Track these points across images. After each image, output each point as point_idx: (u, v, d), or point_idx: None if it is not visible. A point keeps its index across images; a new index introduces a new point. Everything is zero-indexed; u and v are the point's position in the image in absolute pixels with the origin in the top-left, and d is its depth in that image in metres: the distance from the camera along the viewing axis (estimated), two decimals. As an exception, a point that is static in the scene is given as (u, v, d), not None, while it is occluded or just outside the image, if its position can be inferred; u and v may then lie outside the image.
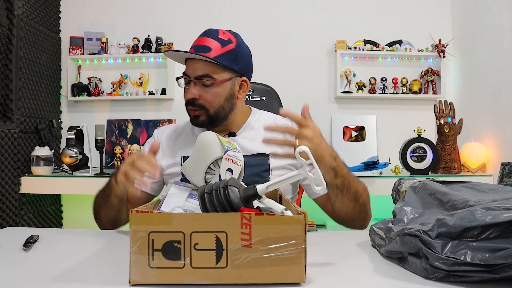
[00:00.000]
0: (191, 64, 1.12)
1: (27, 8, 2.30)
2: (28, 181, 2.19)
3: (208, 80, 1.10)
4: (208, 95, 1.11)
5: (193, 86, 1.10)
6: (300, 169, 0.74)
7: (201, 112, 1.12)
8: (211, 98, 1.11)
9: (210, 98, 1.11)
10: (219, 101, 1.12)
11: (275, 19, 2.66)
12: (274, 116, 1.27)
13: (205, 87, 1.10)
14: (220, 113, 1.13)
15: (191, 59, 1.12)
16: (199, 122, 1.14)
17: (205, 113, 1.12)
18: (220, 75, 1.11)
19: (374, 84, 2.59)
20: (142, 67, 2.68)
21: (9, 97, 2.16)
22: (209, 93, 1.11)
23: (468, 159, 2.26)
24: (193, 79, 1.10)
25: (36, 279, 0.67)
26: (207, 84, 1.10)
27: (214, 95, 1.11)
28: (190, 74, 1.11)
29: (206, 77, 1.10)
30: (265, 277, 0.61)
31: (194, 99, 1.11)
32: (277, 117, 1.27)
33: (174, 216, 0.61)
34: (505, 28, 2.07)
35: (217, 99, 1.12)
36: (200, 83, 1.10)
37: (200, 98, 1.11)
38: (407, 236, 0.68)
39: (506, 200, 0.64)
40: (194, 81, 1.10)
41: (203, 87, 1.10)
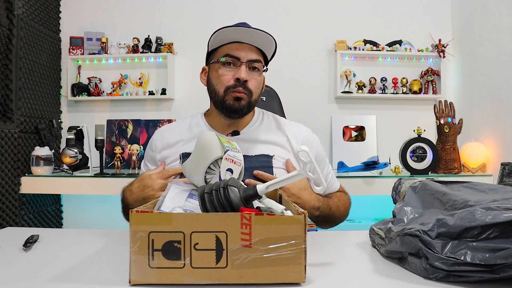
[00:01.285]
0: (241, 46, 1.10)
1: (27, 8, 2.30)
2: (28, 181, 2.19)
3: (260, 66, 1.12)
4: (256, 81, 1.11)
5: (245, 68, 1.09)
6: (300, 169, 0.74)
7: (246, 96, 1.10)
8: (257, 85, 1.12)
9: (257, 84, 1.12)
10: (260, 89, 1.15)
11: (275, 19, 2.66)
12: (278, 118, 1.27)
13: (255, 72, 1.11)
14: (255, 102, 1.14)
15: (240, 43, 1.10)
16: (241, 105, 1.10)
17: (248, 98, 1.10)
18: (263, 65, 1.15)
19: (374, 84, 2.59)
20: (142, 67, 2.68)
21: (9, 97, 2.16)
22: (256, 79, 1.12)
23: (468, 159, 2.26)
24: (245, 61, 1.09)
25: (36, 279, 0.67)
26: (258, 69, 1.12)
27: (259, 83, 1.13)
28: (241, 56, 1.09)
29: (259, 62, 1.11)
30: (265, 277, 0.61)
31: (246, 81, 1.09)
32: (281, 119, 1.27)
33: (174, 216, 0.61)
34: (505, 28, 2.07)
35: (260, 87, 1.14)
36: (251, 67, 1.10)
37: (249, 82, 1.10)
38: (407, 236, 0.68)
39: (506, 200, 0.64)
40: (247, 63, 1.09)
41: (252, 71, 1.11)
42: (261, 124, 1.22)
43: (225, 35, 1.10)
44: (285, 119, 1.29)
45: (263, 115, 1.25)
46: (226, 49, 1.11)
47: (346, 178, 2.15)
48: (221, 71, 1.11)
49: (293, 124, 1.25)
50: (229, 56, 1.10)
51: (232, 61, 1.10)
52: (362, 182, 2.12)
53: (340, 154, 2.51)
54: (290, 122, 1.26)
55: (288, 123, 1.25)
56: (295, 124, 1.25)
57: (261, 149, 1.14)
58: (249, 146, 1.15)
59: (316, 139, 1.25)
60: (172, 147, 1.19)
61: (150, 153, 1.23)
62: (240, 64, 1.09)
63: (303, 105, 2.61)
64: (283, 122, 1.24)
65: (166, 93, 2.58)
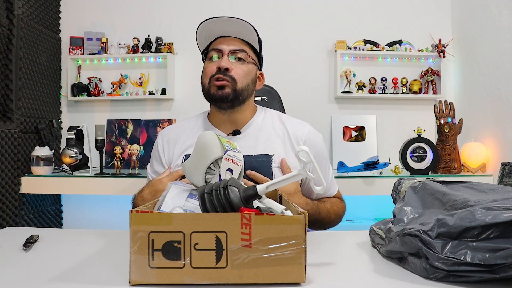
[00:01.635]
0: (225, 40, 1.14)
1: (27, 8, 2.30)
2: (28, 181, 2.19)
3: (244, 55, 1.13)
4: (240, 69, 1.13)
5: (227, 58, 1.12)
6: (300, 169, 0.74)
7: (229, 83, 1.11)
8: (243, 72, 1.13)
9: (242, 72, 1.13)
10: (248, 79, 1.15)
11: (275, 19, 2.66)
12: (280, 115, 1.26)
13: (238, 61, 1.13)
14: (244, 91, 1.14)
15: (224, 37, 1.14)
16: (225, 93, 1.11)
17: (232, 86, 1.11)
18: (251, 56, 1.16)
19: (374, 84, 2.59)
20: (142, 67, 2.68)
21: (9, 97, 2.16)
22: (241, 67, 1.13)
23: (468, 159, 2.26)
24: (227, 52, 1.12)
25: (36, 279, 0.67)
26: (241, 59, 1.13)
27: (245, 72, 1.13)
28: (224, 48, 1.13)
29: (242, 52, 1.14)
30: (265, 277, 0.61)
31: (226, 69, 1.10)
32: (283, 116, 1.26)
33: (174, 216, 0.61)
34: (505, 28, 2.07)
35: (247, 76, 1.14)
36: (234, 57, 1.13)
37: (232, 70, 1.11)
38: (407, 236, 0.68)
39: (506, 200, 0.64)
40: (229, 53, 1.12)
41: (237, 61, 1.13)
42: (262, 122, 1.21)
43: (208, 30, 1.15)
44: (288, 116, 1.28)
45: (264, 113, 1.25)
46: (212, 46, 1.17)
47: (346, 178, 2.15)
48: (206, 64, 1.16)
49: (295, 121, 1.25)
50: (214, 50, 1.14)
51: (216, 53, 1.14)
52: (362, 182, 2.12)
53: (340, 154, 2.51)
54: (292, 119, 1.25)
55: (291, 120, 1.24)
56: (297, 121, 1.24)
57: (261, 149, 1.14)
58: (249, 145, 1.15)
59: (319, 136, 1.24)
60: (177, 147, 1.19)
61: (156, 154, 1.23)
62: (223, 55, 1.13)
63: (303, 105, 2.61)
64: (285, 119, 1.24)
65: (166, 93, 2.58)
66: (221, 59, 1.12)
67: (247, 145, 1.14)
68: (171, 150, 1.20)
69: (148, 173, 1.26)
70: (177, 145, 1.20)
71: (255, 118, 1.21)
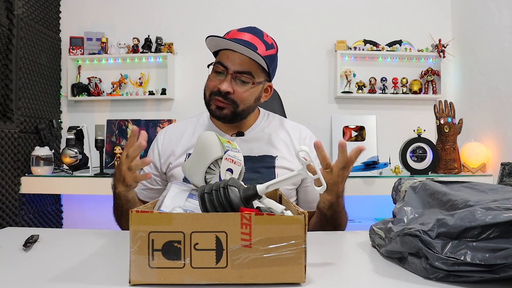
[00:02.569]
0: (232, 55, 1.07)
1: (27, 8, 2.30)
2: (28, 181, 2.19)
3: (249, 78, 1.08)
4: (242, 92, 1.08)
5: (230, 80, 1.07)
6: (300, 169, 0.74)
7: (228, 105, 1.09)
8: (245, 97, 1.09)
9: (244, 96, 1.09)
10: (250, 101, 1.11)
11: (275, 19, 2.66)
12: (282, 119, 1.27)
13: (242, 84, 1.08)
14: (245, 112, 1.12)
15: (232, 51, 1.07)
16: (223, 114, 1.10)
17: (232, 109, 1.09)
18: (258, 76, 1.10)
19: (374, 84, 2.59)
20: (142, 67, 2.68)
21: (9, 97, 2.16)
22: (244, 91, 1.08)
23: (468, 159, 2.25)
24: (232, 72, 1.07)
25: (36, 279, 0.67)
26: (246, 82, 1.08)
27: (248, 94, 1.09)
28: (229, 66, 1.07)
29: (247, 74, 1.07)
30: (265, 277, 0.61)
31: (228, 93, 1.07)
32: (286, 121, 1.27)
33: (174, 216, 0.61)
34: (505, 28, 2.07)
35: (250, 98, 1.10)
36: (238, 79, 1.07)
37: (234, 93, 1.08)
38: (407, 236, 0.68)
39: (506, 200, 0.64)
40: (233, 75, 1.07)
41: (240, 83, 1.08)
42: (265, 125, 1.22)
43: (218, 41, 1.09)
44: (290, 120, 1.29)
45: (267, 116, 1.26)
46: (220, 55, 1.11)
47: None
48: (211, 75, 1.12)
49: (296, 125, 1.26)
50: (219, 64, 1.09)
51: (222, 70, 1.09)
52: (362, 182, 2.12)
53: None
54: (294, 124, 1.27)
55: (292, 124, 1.26)
56: (298, 126, 1.26)
57: (264, 150, 1.15)
58: (253, 146, 1.15)
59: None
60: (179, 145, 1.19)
61: (155, 150, 1.22)
62: (227, 74, 1.08)
63: (303, 105, 2.61)
64: (286, 124, 1.25)
65: (166, 93, 2.58)
66: (223, 80, 1.07)
67: (250, 147, 1.15)
68: (172, 148, 1.19)
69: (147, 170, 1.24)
70: (180, 143, 1.19)
71: (258, 121, 1.22)
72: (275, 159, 1.13)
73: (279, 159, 1.13)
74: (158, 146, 1.22)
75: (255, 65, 1.08)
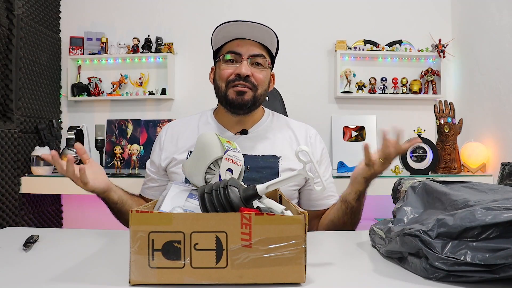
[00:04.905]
0: (243, 43, 1.10)
1: (27, 8, 2.30)
2: (28, 181, 2.19)
3: (263, 61, 1.11)
4: (260, 74, 1.11)
5: (247, 64, 1.09)
6: (300, 169, 0.74)
7: (249, 90, 1.09)
8: (262, 79, 1.11)
9: (262, 78, 1.11)
10: (265, 84, 1.14)
11: (275, 19, 2.66)
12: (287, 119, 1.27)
13: (258, 66, 1.11)
14: (262, 97, 1.13)
15: (242, 39, 1.10)
16: (244, 100, 1.09)
17: (252, 93, 1.10)
18: (268, 61, 1.14)
19: (374, 84, 2.59)
20: (142, 67, 2.68)
21: (9, 97, 2.16)
22: (261, 73, 1.11)
23: (468, 159, 2.26)
24: (247, 56, 1.09)
25: (36, 279, 0.67)
26: (261, 64, 1.11)
27: (264, 76, 1.12)
28: (243, 52, 1.09)
29: (262, 57, 1.11)
30: (265, 277, 0.61)
31: (248, 76, 1.08)
32: (291, 120, 1.26)
33: (174, 216, 0.61)
34: (505, 28, 2.07)
35: (265, 81, 1.13)
36: (254, 62, 1.10)
37: (253, 76, 1.09)
38: (407, 236, 0.68)
39: (506, 200, 0.64)
40: (249, 59, 1.09)
41: (256, 66, 1.11)
42: (270, 124, 1.21)
43: (226, 32, 1.10)
44: (295, 120, 1.29)
45: (272, 115, 1.25)
46: (228, 47, 1.12)
47: (346, 178, 2.14)
48: (223, 67, 1.11)
49: (302, 124, 1.26)
50: (231, 52, 1.10)
51: (234, 57, 1.10)
52: (362, 182, 2.12)
53: (340, 154, 2.51)
54: (299, 123, 1.26)
55: (297, 124, 1.26)
56: (303, 125, 1.26)
57: (268, 149, 1.14)
58: (257, 145, 1.14)
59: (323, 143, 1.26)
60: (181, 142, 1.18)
61: (156, 146, 1.22)
62: (242, 59, 1.09)
63: (303, 105, 2.61)
64: (291, 123, 1.24)
65: (166, 93, 2.58)
66: (240, 65, 1.08)
67: (254, 145, 1.14)
68: (174, 144, 1.18)
69: (148, 168, 1.24)
70: (181, 140, 1.18)
71: (263, 119, 1.21)
72: (279, 159, 1.12)
73: (283, 159, 1.12)
74: (160, 142, 1.22)
75: (265, 50, 1.13)
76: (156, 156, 1.21)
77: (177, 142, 1.19)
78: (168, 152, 1.18)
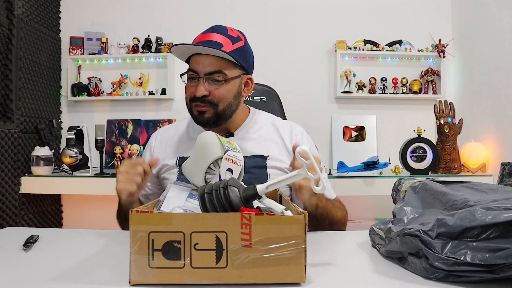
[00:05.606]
0: (200, 59, 1.07)
1: (27, 8, 2.30)
2: (28, 181, 2.19)
3: (221, 76, 1.07)
4: (218, 91, 1.08)
5: (203, 83, 1.07)
6: (300, 169, 0.74)
7: (208, 108, 1.08)
8: (222, 95, 1.08)
9: (221, 94, 1.08)
10: (229, 98, 1.10)
11: (275, 19, 2.66)
12: (273, 118, 1.26)
13: (216, 83, 1.08)
14: (227, 110, 1.11)
15: (200, 55, 1.08)
16: (205, 119, 1.09)
17: (213, 110, 1.09)
18: (231, 72, 1.09)
19: (374, 84, 2.59)
20: (142, 67, 2.68)
21: (9, 97, 2.16)
22: (219, 89, 1.08)
23: (468, 159, 2.26)
24: (203, 75, 1.07)
25: (36, 279, 0.67)
26: (219, 80, 1.08)
27: (224, 92, 1.08)
28: (199, 70, 1.07)
29: (218, 73, 1.07)
30: (265, 277, 0.61)
31: (204, 96, 1.07)
32: (277, 119, 1.26)
33: (174, 216, 0.61)
34: (505, 28, 2.07)
35: (227, 95, 1.09)
36: (210, 79, 1.07)
37: (210, 94, 1.07)
38: (407, 236, 0.68)
39: (506, 200, 0.64)
40: (204, 77, 1.07)
41: (214, 83, 1.08)
42: (255, 124, 1.21)
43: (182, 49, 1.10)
44: (280, 118, 1.28)
45: (258, 115, 1.25)
46: (191, 62, 1.12)
47: (346, 178, 2.15)
48: (187, 83, 1.13)
49: (287, 123, 1.25)
50: (190, 70, 1.10)
51: (193, 75, 1.09)
52: (362, 182, 2.12)
53: (340, 154, 2.51)
54: (284, 122, 1.26)
55: (282, 122, 1.25)
56: (289, 123, 1.25)
57: (255, 149, 1.14)
58: (243, 146, 1.14)
59: (310, 140, 1.24)
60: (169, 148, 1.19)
61: (148, 154, 1.23)
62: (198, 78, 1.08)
63: (303, 105, 2.61)
64: (277, 122, 1.24)
65: (166, 93, 2.58)
66: (196, 85, 1.08)
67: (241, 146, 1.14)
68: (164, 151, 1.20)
69: None
70: (171, 146, 1.20)
71: (248, 120, 1.21)
72: (267, 159, 1.13)
73: (270, 159, 1.13)
74: (151, 148, 1.23)
75: (225, 62, 1.08)
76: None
77: (166, 148, 1.20)
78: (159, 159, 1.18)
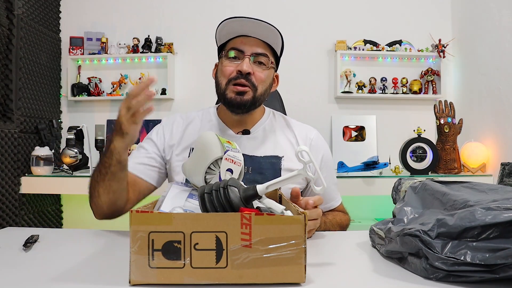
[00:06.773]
0: (247, 40, 1.08)
1: (27, 8, 2.30)
2: (28, 181, 2.19)
3: (266, 60, 1.08)
4: (261, 74, 1.08)
5: (248, 61, 1.06)
6: (300, 169, 0.74)
7: (249, 89, 1.06)
8: (263, 78, 1.08)
9: (263, 77, 1.08)
10: (266, 84, 1.10)
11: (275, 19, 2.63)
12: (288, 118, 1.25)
13: (259, 65, 1.08)
14: (261, 97, 1.10)
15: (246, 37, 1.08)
16: (244, 100, 1.06)
17: (252, 93, 1.07)
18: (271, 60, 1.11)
19: (374, 84, 2.59)
20: (142, 67, 2.68)
21: (9, 97, 2.16)
22: (262, 73, 1.08)
23: (468, 159, 2.26)
24: (250, 53, 1.06)
25: (36, 279, 0.67)
26: (263, 64, 1.08)
27: (265, 76, 1.09)
28: (246, 49, 1.07)
29: (264, 56, 1.08)
30: (265, 277, 0.61)
31: (249, 74, 1.05)
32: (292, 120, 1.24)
33: (174, 216, 0.61)
34: (505, 28, 2.07)
35: (266, 81, 1.10)
36: (256, 61, 1.07)
37: (254, 74, 1.06)
38: (407, 236, 0.68)
39: (506, 200, 0.64)
40: (251, 57, 1.06)
41: (258, 65, 1.08)
42: (271, 123, 1.19)
43: (231, 28, 1.08)
44: (295, 120, 1.26)
45: (273, 114, 1.23)
46: (232, 43, 1.10)
47: (346, 178, 2.15)
48: (225, 63, 1.09)
49: (302, 125, 1.23)
50: (234, 49, 1.08)
51: (237, 54, 1.08)
52: (362, 182, 2.12)
53: (340, 154, 2.51)
54: (300, 124, 1.24)
55: (298, 124, 1.23)
56: (304, 126, 1.23)
57: (270, 150, 1.13)
58: (259, 145, 1.13)
59: (325, 144, 1.23)
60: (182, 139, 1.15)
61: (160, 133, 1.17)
62: (244, 57, 1.07)
63: (303, 105, 2.61)
64: (292, 123, 1.22)
65: (166, 93, 2.58)
66: (242, 62, 1.06)
67: (256, 146, 1.12)
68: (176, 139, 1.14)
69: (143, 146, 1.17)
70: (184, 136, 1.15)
71: (264, 119, 1.19)
72: (281, 159, 1.11)
73: (285, 160, 1.11)
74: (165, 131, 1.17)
75: (269, 49, 1.10)
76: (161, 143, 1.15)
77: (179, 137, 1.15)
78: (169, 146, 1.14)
